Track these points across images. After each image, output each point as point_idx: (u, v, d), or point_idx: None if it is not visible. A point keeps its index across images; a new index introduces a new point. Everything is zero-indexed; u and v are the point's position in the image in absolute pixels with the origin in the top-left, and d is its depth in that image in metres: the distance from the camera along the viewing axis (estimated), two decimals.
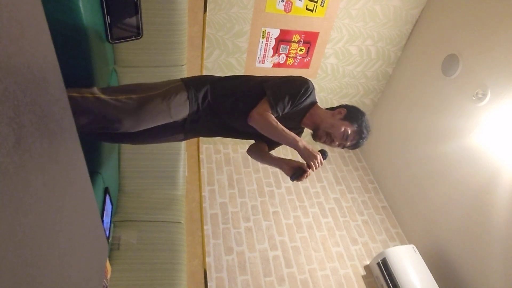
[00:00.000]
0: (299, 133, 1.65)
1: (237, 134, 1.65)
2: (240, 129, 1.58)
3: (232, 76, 1.60)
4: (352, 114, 1.53)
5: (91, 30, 1.48)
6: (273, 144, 1.71)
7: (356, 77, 3.09)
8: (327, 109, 1.60)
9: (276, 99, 1.44)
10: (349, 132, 1.49)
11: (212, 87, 1.51)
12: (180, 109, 1.46)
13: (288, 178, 1.46)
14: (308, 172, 1.40)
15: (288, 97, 1.46)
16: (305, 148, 1.38)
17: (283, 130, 1.40)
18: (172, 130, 1.56)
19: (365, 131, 1.53)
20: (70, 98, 1.29)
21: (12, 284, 0.47)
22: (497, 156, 2.12)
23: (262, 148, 1.66)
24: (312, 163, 1.37)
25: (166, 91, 1.45)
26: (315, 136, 1.55)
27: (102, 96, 1.37)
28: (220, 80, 1.56)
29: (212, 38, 2.60)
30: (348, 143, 1.52)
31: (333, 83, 3.10)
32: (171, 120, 1.48)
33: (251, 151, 1.70)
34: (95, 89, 1.39)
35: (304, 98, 1.49)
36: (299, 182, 3.12)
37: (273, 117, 1.42)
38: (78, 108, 1.30)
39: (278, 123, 1.41)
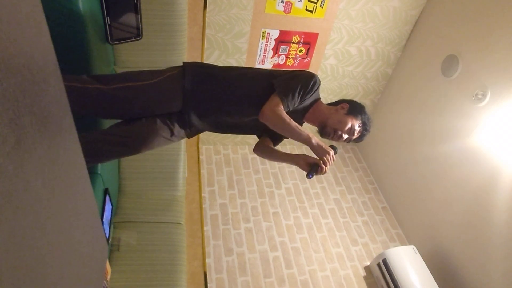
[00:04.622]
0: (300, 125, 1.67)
1: (239, 129, 1.64)
2: (243, 123, 1.57)
3: (237, 68, 1.58)
4: (355, 108, 1.56)
5: (91, 31, 1.48)
6: (277, 140, 1.70)
7: (356, 77, 3.10)
8: (328, 104, 1.62)
9: (287, 94, 1.45)
10: (356, 126, 1.53)
11: (214, 80, 1.50)
12: (169, 100, 1.46)
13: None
14: (323, 168, 1.41)
15: (298, 91, 1.47)
16: (318, 145, 1.40)
17: (297, 127, 1.41)
18: (170, 121, 1.55)
19: (368, 123, 1.57)
20: (72, 87, 1.30)
21: (12, 285, 0.47)
22: (497, 156, 2.12)
23: (269, 145, 1.67)
24: (325, 159, 1.39)
25: (161, 80, 1.46)
26: (323, 133, 1.56)
27: (101, 87, 1.37)
28: (224, 72, 1.54)
29: (212, 39, 2.61)
30: (354, 137, 1.56)
31: (333, 83, 3.10)
32: (159, 109, 1.48)
33: (258, 150, 1.69)
34: (84, 77, 1.38)
35: (311, 93, 1.52)
36: (299, 182, 3.13)
37: (285, 113, 1.42)
38: (76, 98, 1.30)
39: (291, 119, 1.41)
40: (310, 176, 1.43)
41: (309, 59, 2.87)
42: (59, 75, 0.62)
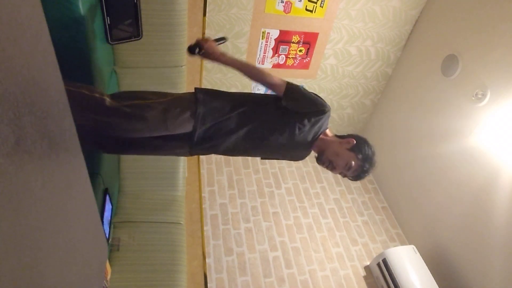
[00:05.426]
0: (307, 154, 1.65)
1: (244, 152, 1.62)
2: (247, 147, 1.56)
3: (246, 93, 1.58)
4: (359, 146, 1.50)
5: (91, 31, 1.48)
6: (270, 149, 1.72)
7: (356, 77, 3.10)
8: (338, 136, 1.57)
9: (296, 86, 1.48)
10: (352, 164, 1.47)
11: (225, 107, 1.47)
12: (179, 123, 1.43)
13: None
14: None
15: (304, 95, 1.47)
16: (218, 54, 1.53)
17: (253, 68, 1.51)
18: (175, 143, 1.52)
19: (367, 166, 1.50)
20: (80, 93, 1.32)
21: (12, 286, 0.47)
22: (497, 156, 2.12)
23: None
24: (204, 44, 1.50)
25: (171, 100, 1.43)
26: (319, 160, 1.54)
27: (109, 100, 1.37)
28: (234, 96, 1.54)
29: None
30: (350, 174, 1.51)
31: (333, 83, 3.10)
32: (168, 132, 1.44)
33: None
34: (105, 94, 1.39)
35: (317, 115, 1.48)
36: (299, 182, 3.13)
37: (266, 71, 1.49)
38: (81, 104, 1.31)
39: (264, 74, 1.48)
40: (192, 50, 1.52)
41: (309, 59, 2.87)
42: (59, 75, 0.62)
